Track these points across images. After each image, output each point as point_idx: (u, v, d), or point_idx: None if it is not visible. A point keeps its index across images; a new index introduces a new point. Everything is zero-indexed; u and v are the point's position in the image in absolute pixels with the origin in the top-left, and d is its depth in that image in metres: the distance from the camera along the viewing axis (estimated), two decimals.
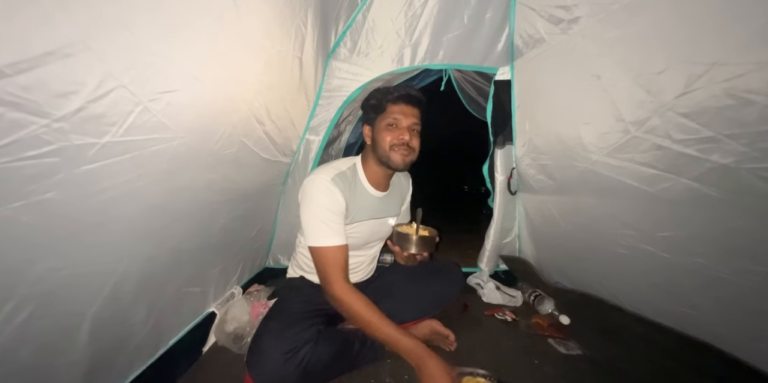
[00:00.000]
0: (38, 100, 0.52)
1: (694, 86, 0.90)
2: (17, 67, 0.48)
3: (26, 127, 0.52)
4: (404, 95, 1.18)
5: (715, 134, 0.89)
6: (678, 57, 0.94)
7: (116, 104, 0.64)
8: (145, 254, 0.91)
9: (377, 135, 1.21)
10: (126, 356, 0.94)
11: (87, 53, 0.56)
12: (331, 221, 1.13)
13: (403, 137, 1.17)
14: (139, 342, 0.97)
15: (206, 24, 0.80)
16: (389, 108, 1.19)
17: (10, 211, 0.55)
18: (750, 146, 0.83)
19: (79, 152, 0.61)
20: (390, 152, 1.18)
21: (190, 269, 1.15)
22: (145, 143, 0.74)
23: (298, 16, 1.20)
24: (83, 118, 0.59)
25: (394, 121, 1.18)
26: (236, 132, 1.10)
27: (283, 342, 0.99)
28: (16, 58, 0.48)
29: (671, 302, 1.20)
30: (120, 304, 0.87)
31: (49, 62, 0.51)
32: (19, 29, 0.47)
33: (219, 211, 1.23)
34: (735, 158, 0.87)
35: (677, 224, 1.10)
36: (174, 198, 0.94)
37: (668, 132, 1.00)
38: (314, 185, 1.15)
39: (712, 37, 0.85)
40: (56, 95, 0.54)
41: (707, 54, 0.86)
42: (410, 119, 1.18)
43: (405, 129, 1.17)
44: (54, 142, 0.56)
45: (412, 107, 1.19)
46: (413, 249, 1.16)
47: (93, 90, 0.59)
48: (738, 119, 0.84)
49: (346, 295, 1.08)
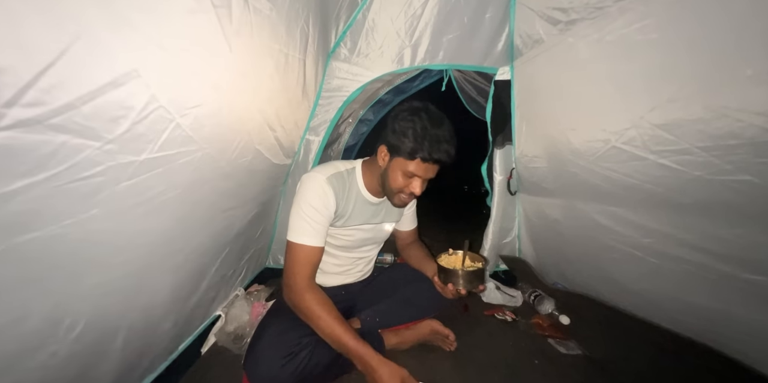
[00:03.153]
0: (96, 126, 0.55)
1: (674, 98, 0.91)
2: (83, 99, 0.51)
3: (83, 151, 0.54)
4: (438, 160, 1.06)
5: (689, 146, 0.91)
6: (662, 67, 0.94)
7: (155, 123, 0.67)
8: (173, 267, 0.94)
9: (391, 171, 1.12)
10: (146, 362, 0.98)
11: (137, 80, 0.59)
12: (314, 221, 1.10)
13: (415, 190, 1.11)
14: (159, 349, 1.01)
15: (223, 31, 0.81)
16: (417, 162, 1.06)
17: (61, 229, 0.57)
18: (721, 158, 0.85)
19: (121, 170, 0.64)
20: (394, 194, 1.15)
21: (209, 276, 1.17)
22: (175, 157, 0.77)
23: (302, 17, 1.20)
24: (128, 139, 0.61)
25: (414, 174, 1.09)
26: (251, 140, 1.12)
27: (281, 347, 0.99)
28: (83, 91, 0.51)
29: (665, 305, 1.21)
30: (151, 314, 0.91)
31: (107, 91, 0.54)
32: (85, 60, 0.50)
33: (236, 217, 1.25)
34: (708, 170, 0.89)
35: (660, 231, 1.12)
36: (194, 209, 0.96)
37: (645, 143, 1.01)
38: (309, 183, 1.14)
39: (703, 47, 0.85)
40: (110, 120, 0.57)
41: (690, 67, 0.87)
42: (430, 174, 1.11)
43: (420, 183, 1.11)
44: (103, 162, 0.59)
45: (438, 165, 1.10)
46: (462, 285, 1.09)
47: (139, 112, 0.62)
48: (708, 132, 0.85)
49: (305, 290, 1.05)
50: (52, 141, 0.49)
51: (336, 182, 1.16)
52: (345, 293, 1.36)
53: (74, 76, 0.49)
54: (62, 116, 0.49)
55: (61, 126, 0.49)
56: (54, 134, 0.49)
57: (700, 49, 0.85)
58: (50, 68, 0.45)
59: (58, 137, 0.50)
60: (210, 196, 1.01)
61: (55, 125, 0.49)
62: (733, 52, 0.78)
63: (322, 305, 1.02)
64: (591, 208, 1.37)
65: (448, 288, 1.13)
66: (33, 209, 0.51)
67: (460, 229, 3.24)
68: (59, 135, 0.50)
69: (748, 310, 0.97)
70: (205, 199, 0.99)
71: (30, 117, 0.45)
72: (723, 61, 0.80)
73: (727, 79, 0.80)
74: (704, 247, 1.01)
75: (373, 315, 1.26)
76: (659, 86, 0.95)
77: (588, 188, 1.31)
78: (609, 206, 1.27)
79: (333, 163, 1.24)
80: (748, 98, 0.77)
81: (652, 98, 0.97)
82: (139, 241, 0.78)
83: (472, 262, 1.19)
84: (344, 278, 1.38)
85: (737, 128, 0.79)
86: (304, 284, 1.06)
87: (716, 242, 0.98)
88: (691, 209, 1.00)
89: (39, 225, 0.53)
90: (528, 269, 1.90)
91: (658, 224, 1.12)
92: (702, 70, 0.85)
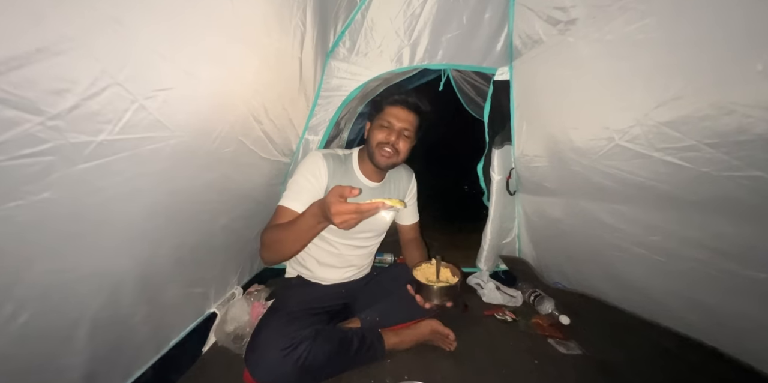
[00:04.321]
0: (31, 97, 0.51)
1: (679, 95, 0.91)
2: (8, 65, 0.48)
3: (21, 124, 0.51)
4: (402, 100, 1.22)
5: (696, 143, 0.90)
6: (665, 64, 0.94)
7: (111, 102, 0.63)
8: (144, 255, 0.91)
9: (371, 132, 1.26)
10: (126, 357, 0.94)
11: (80, 50, 0.55)
12: (300, 187, 1.18)
13: (390, 138, 1.20)
14: (139, 343, 0.97)
15: (202, 18, 0.80)
16: (386, 109, 1.24)
17: (7, 211, 0.54)
18: (729, 154, 0.85)
19: (74, 151, 0.61)
20: (375, 150, 1.22)
21: (191, 269, 1.14)
22: (141, 142, 0.74)
23: (297, 13, 1.20)
24: (78, 116, 0.58)
25: (387, 122, 1.21)
26: (234, 130, 1.10)
27: (281, 339, 1.00)
28: (6, 55, 0.47)
29: (670, 303, 1.20)
30: (119, 305, 0.86)
31: (40, 59, 0.51)
32: (8, 26, 0.47)
33: (219, 211, 1.22)
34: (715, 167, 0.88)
35: (666, 228, 1.11)
36: (174, 199, 0.94)
37: (650, 141, 1.01)
38: (306, 158, 1.27)
39: (709, 43, 0.85)
40: (50, 93, 0.54)
41: (696, 64, 0.86)
42: (403, 123, 1.21)
43: (395, 131, 1.21)
44: (49, 140, 0.56)
45: (409, 111, 1.23)
46: (435, 300, 1.10)
47: (87, 87, 0.58)
48: (715, 129, 0.85)
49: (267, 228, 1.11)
50: None
51: (332, 160, 1.25)
52: (345, 291, 1.37)
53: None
54: None
55: None
56: None
57: (705, 46, 0.84)
58: None
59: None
60: (190, 187, 0.99)
61: None
62: (743, 47, 0.77)
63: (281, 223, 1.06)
64: (595, 206, 1.36)
65: (417, 298, 1.13)
66: None
67: (459, 229, 3.24)
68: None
69: (753, 308, 0.97)
70: (185, 189, 0.97)
71: None
72: (731, 57, 0.79)
73: (735, 74, 0.79)
74: (710, 244, 1.00)
75: (373, 315, 1.27)
76: (663, 84, 0.94)
77: (591, 186, 1.31)
78: (613, 204, 1.27)
79: (333, 148, 1.37)
80: (758, 93, 0.76)
81: (657, 96, 0.96)
82: (107, 227, 0.75)
83: (452, 276, 1.18)
84: (343, 272, 1.38)
85: (746, 124, 0.78)
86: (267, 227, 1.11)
87: (723, 240, 0.97)
88: (698, 206, 0.99)
89: None
90: (528, 269, 1.90)
91: (664, 222, 1.11)
92: (708, 67, 0.84)
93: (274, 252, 1.05)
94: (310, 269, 1.36)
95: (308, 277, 1.37)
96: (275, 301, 1.28)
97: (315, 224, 0.93)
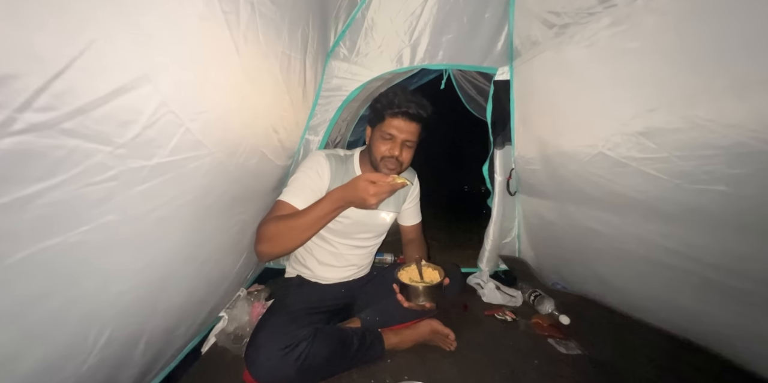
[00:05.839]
0: (106, 130, 0.55)
1: (654, 106, 0.92)
2: (94, 104, 0.51)
3: (95, 155, 0.55)
4: (404, 112, 1.15)
5: (668, 155, 0.92)
6: (642, 75, 0.95)
7: (165, 128, 0.67)
8: (189, 273, 0.95)
9: (373, 142, 1.22)
10: (159, 366, 0.99)
11: (147, 85, 0.60)
12: (301, 182, 1.18)
13: (394, 152, 1.17)
14: (173, 353, 1.03)
15: (232, 34, 0.82)
16: (387, 120, 1.17)
17: (81, 235, 0.57)
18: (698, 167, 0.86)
19: (133, 175, 0.64)
20: (379, 162, 1.20)
21: (221, 282, 1.19)
22: (185, 161, 0.77)
23: (303, 18, 1.21)
24: (139, 143, 0.62)
25: (389, 135, 1.17)
26: (257, 143, 1.14)
27: (281, 338, 1.00)
28: (94, 96, 0.52)
29: (657, 306, 1.22)
30: (170, 320, 0.93)
31: (118, 96, 0.55)
32: (95, 66, 0.50)
33: (245, 222, 1.25)
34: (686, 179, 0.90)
35: (645, 237, 1.13)
36: (208, 214, 0.97)
37: (629, 150, 1.02)
38: (308, 157, 1.27)
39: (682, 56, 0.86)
40: (120, 124, 0.58)
41: (668, 76, 0.88)
42: (405, 134, 1.17)
43: (398, 144, 1.17)
44: (114, 167, 0.59)
45: (410, 122, 1.17)
46: (414, 300, 1.10)
47: (149, 117, 0.62)
48: (685, 141, 0.86)
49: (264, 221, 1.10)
50: (64, 145, 0.49)
51: (334, 160, 1.25)
52: (345, 291, 1.38)
53: (85, 81, 0.50)
54: (73, 121, 0.49)
55: (72, 130, 0.50)
56: (65, 138, 0.49)
57: (678, 59, 0.85)
58: (62, 74, 0.46)
59: (70, 141, 0.50)
60: (221, 201, 1.02)
61: (67, 130, 0.49)
62: (711, 62, 0.79)
63: (286, 214, 1.07)
64: (581, 212, 1.38)
65: (398, 297, 1.13)
66: (50, 214, 0.51)
67: (460, 229, 3.25)
68: (71, 139, 0.50)
69: (729, 313, 0.99)
70: (217, 203, 1.00)
71: (42, 121, 0.46)
72: (700, 71, 0.81)
73: (703, 89, 0.80)
74: (686, 253, 1.02)
75: (373, 314, 1.27)
76: (641, 94, 0.96)
77: (577, 192, 1.32)
78: (597, 211, 1.29)
79: (334, 149, 1.34)
80: (722, 110, 0.77)
81: (635, 106, 0.98)
82: (157, 247, 0.79)
83: (438, 277, 1.16)
84: (343, 272, 1.39)
85: (712, 139, 0.80)
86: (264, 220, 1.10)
87: (696, 250, 0.99)
88: (672, 216, 1.01)
89: (58, 231, 0.53)
90: (528, 270, 1.91)
91: (644, 231, 1.13)
92: (680, 80, 0.85)
93: (276, 244, 1.04)
94: (310, 269, 1.36)
95: (308, 277, 1.37)
96: (275, 301, 1.28)
97: (331, 210, 1.00)
